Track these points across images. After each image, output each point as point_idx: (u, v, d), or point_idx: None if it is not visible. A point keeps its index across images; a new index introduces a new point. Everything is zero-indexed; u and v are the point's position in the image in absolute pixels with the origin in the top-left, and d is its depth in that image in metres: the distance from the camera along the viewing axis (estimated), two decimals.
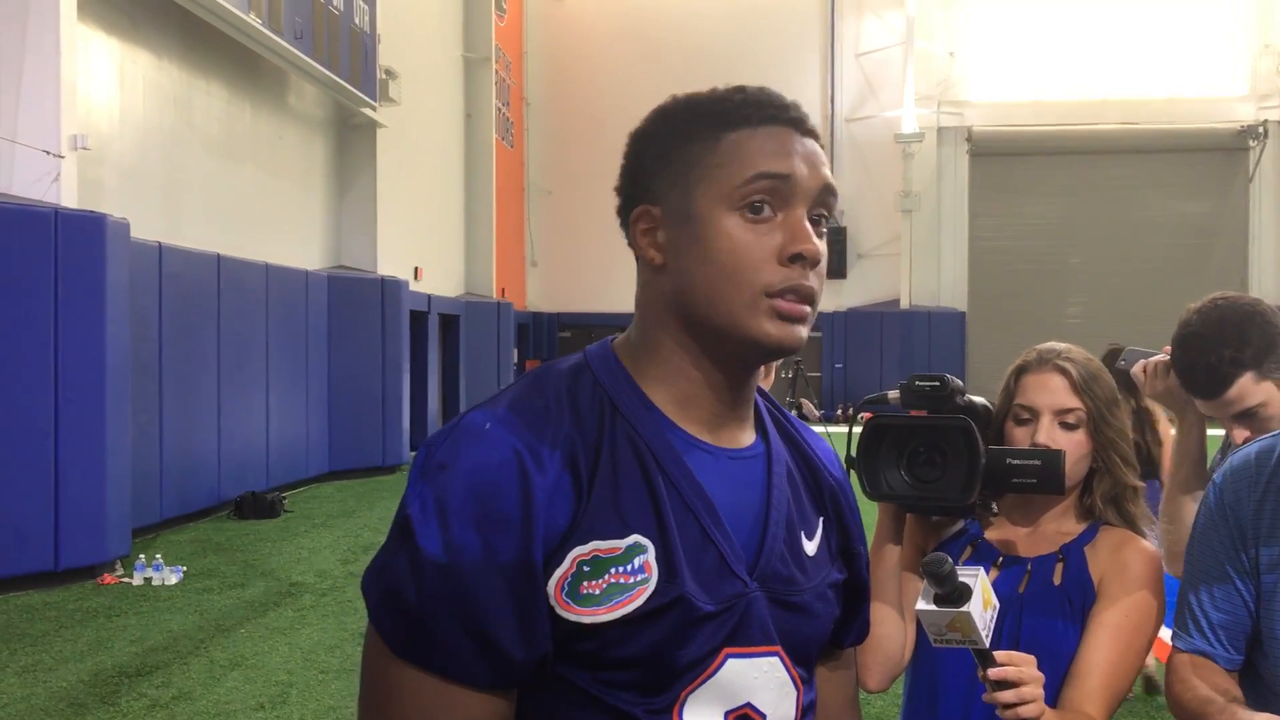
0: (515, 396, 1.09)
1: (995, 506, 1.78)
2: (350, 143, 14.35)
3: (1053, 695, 1.62)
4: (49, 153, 7.70)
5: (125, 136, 9.49)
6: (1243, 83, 22.32)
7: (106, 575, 7.41)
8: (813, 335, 22.04)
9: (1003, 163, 22.85)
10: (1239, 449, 1.76)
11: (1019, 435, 1.80)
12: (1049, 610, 1.73)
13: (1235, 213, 22.45)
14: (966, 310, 22.67)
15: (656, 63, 21.49)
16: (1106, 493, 1.80)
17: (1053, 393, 1.78)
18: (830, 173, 1.12)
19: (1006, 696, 1.43)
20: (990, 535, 1.84)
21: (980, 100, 22.80)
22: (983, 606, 1.40)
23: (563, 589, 1.03)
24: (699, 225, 1.08)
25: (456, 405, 16.65)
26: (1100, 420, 1.78)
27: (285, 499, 10.76)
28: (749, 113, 1.10)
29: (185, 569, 7.64)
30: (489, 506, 1.01)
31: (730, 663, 1.09)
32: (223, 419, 10.07)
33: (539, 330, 22.96)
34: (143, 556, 7.57)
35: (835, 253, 22.49)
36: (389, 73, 14.36)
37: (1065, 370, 1.79)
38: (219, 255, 10.08)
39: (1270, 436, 1.71)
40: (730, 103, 1.11)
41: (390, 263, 14.39)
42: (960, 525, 1.87)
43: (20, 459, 7.04)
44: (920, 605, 1.42)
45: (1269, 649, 1.64)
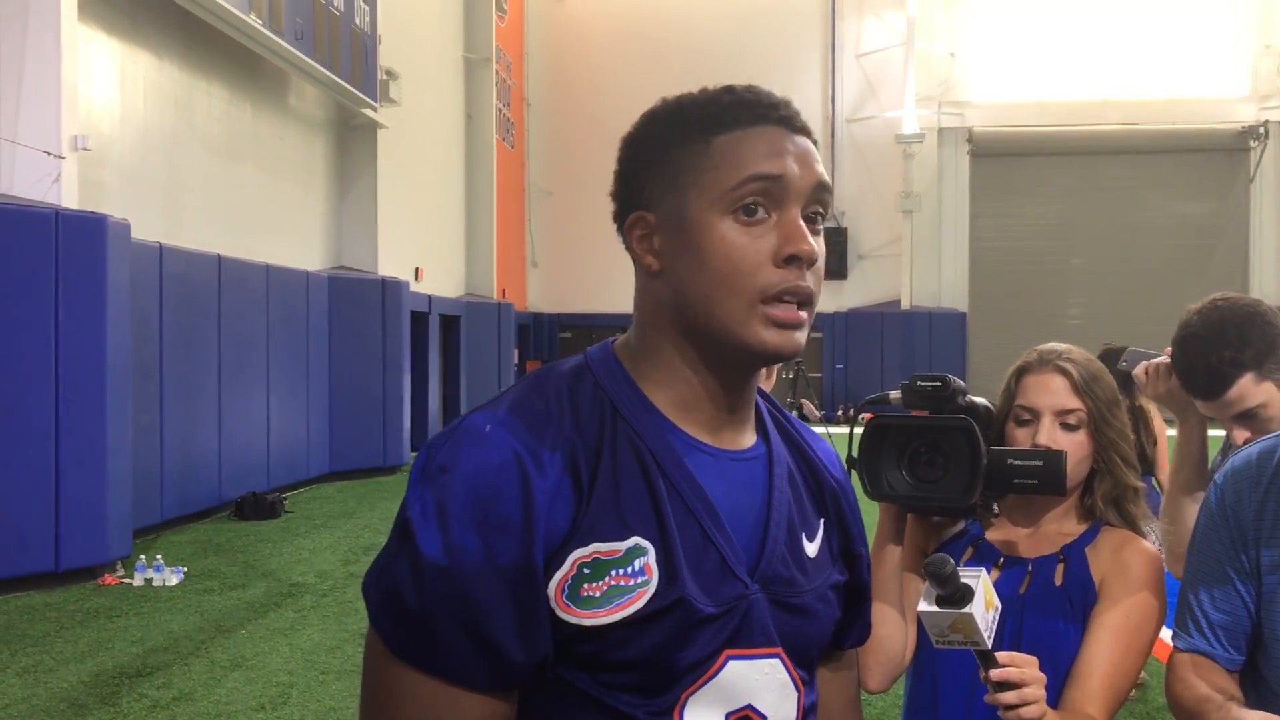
0: (516, 399, 1.09)
1: (996, 507, 1.78)
2: (351, 143, 14.36)
3: (1054, 696, 1.61)
4: (50, 153, 7.70)
5: (126, 137, 9.50)
6: (1243, 83, 22.33)
7: (107, 576, 7.41)
8: (813, 336, 22.14)
9: (1003, 163, 22.85)
10: (1240, 450, 1.76)
11: (1020, 436, 1.79)
12: (1050, 611, 1.73)
13: (1236, 213, 22.45)
14: (967, 311, 22.67)
15: (657, 63, 21.49)
16: (1107, 493, 1.80)
17: (1054, 393, 1.78)
18: (824, 169, 1.11)
19: (1009, 698, 1.42)
20: (991, 536, 1.84)
21: (981, 101, 22.81)
22: (985, 608, 1.40)
23: (563, 591, 1.03)
24: (693, 230, 1.07)
25: (457, 406, 16.66)
26: (1101, 421, 1.78)
27: (286, 500, 10.76)
28: (738, 114, 1.09)
29: (186, 570, 7.64)
30: (489, 509, 1.01)
31: (731, 664, 1.09)
32: (223, 420, 10.08)
33: (539, 331, 22.97)
34: (143, 557, 7.57)
35: (836, 253, 22.51)
36: (390, 73, 14.36)
37: (1066, 371, 1.79)
38: (220, 256, 10.09)
39: (1271, 437, 1.71)
40: (719, 104, 1.10)
41: (391, 263, 14.40)
42: (961, 526, 1.87)
43: (21, 460, 7.04)
44: (922, 607, 1.41)
45: (1271, 650, 1.64)
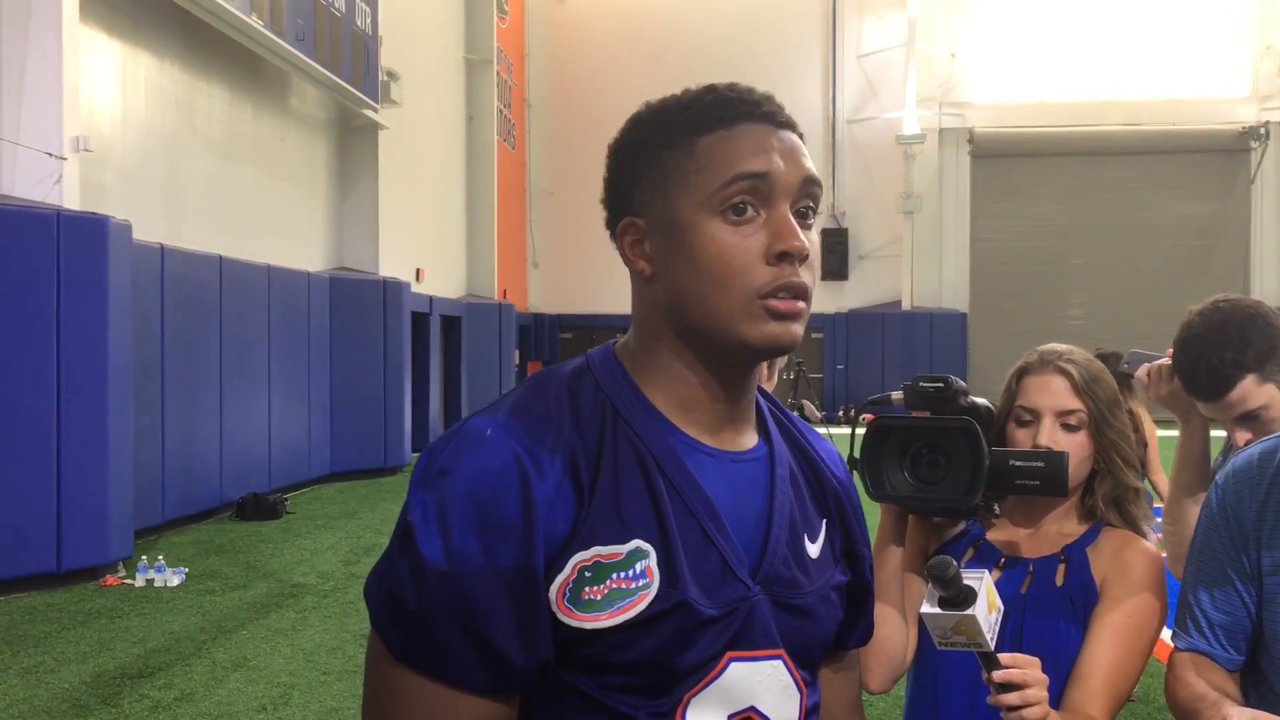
0: (516, 402, 1.09)
1: (997, 508, 1.78)
2: (352, 144, 14.36)
3: (1055, 696, 1.61)
4: (51, 155, 7.71)
5: (127, 138, 9.50)
6: (1244, 84, 22.32)
7: (108, 577, 7.41)
8: (814, 336, 22.15)
9: (1004, 164, 22.85)
10: (1241, 451, 1.76)
11: (1020, 437, 1.80)
12: (1051, 611, 1.73)
13: (1237, 214, 22.45)
14: (968, 311, 22.66)
15: (658, 64, 21.48)
16: (1108, 494, 1.80)
17: (1054, 394, 1.78)
18: (811, 163, 1.10)
19: (1011, 699, 1.42)
20: (992, 536, 1.84)
21: (981, 101, 22.80)
22: (987, 609, 1.40)
23: (564, 595, 1.03)
24: (683, 233, 1.07)
25: (458, 406, 16.66)
26: (1102, 422, 1.78)
27: (287, 500, 10.76)
28: (720, 113, 1.09)
29: (187, 570, 7.64)
30: (490, 512, 1.01)
31: (733, 666, 1.09)
32: (225, 420, 10.08)
33: (540, 331, 22.97)
34: (145, 558, 7.57)
35: (837, 254, 22.52)
36: (390, 74, 14.37)
37: (1067, 372, 1.79)
38: (221, 257, 10.09)
39: (1272, 438, 1.71)
40: (701, 105, 1.10)
41: (392, 264, 14.40)
42: (962, 526, 1.87)
43: (22, 460, 7.04)
44: (925, 608, 1.41)
45: (1273, 649, 1.64)
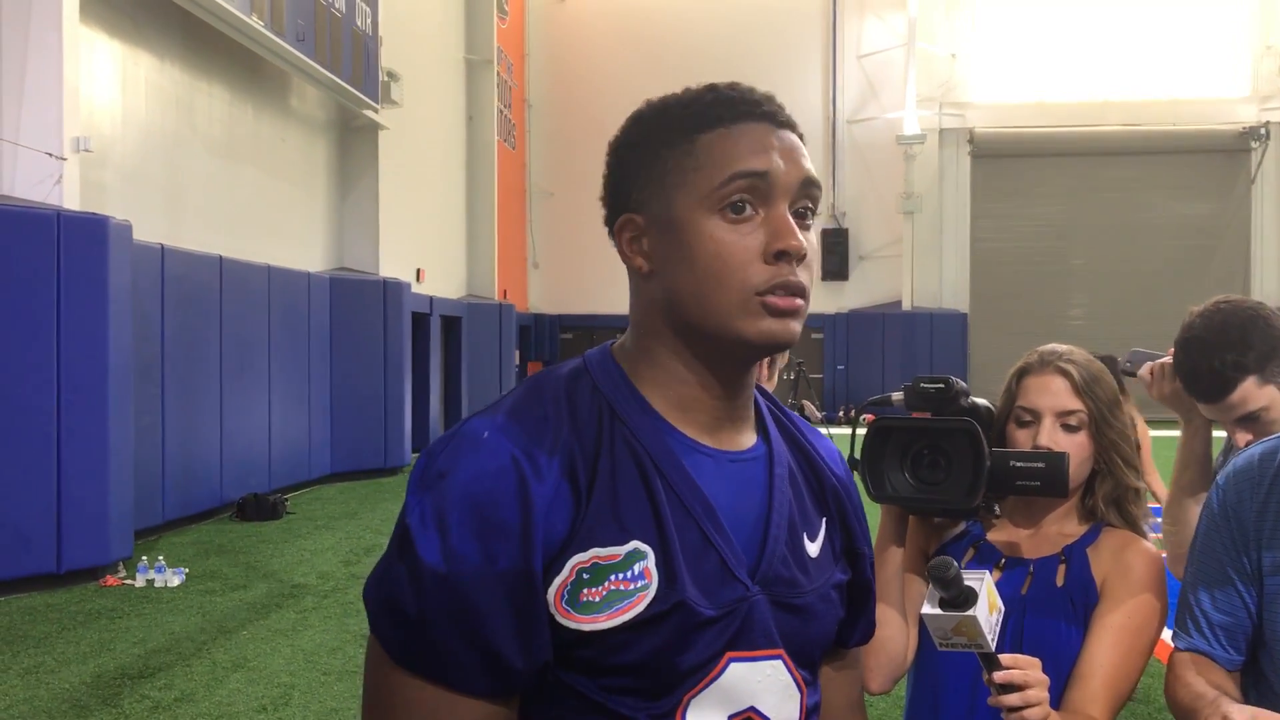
0: (514, 404, 1.09)
1: (998, 508, 1.78)
2: (352, 145, 14.36)
3: (1055, 697, 1.61)
4: (51, 155, 7.71)
5: (127, 138, 9.50)
6: (1244, 84, 22.32)
7: (109, 577, 7.41)
8: (814, 337, 22.16)
9: (1004, 164, 22.85)
10: (1242, 451, 1.76)
11: (1020, 437, 1.80)
12: (1052, 612, 1.73)
13: (1237, 214, 22.45)
14: (968, 312, 22.67)
15: (658, 65, 21.48)
16: (1108, 494, 1.80)
17: (1054, 395, 1.78)
18: (811, 165, 1.11)
19: (1012, 700, 1.42)
20: (992, 537, 1.84)
21: (982, 102, 22.80)
22: (988, 610, 1.40)
23: (562, 597, 1.03)
24: (681, 231, 1.08)
25: (458, 407, 16.66)
26: (1102, 422, 1.78)
27: (287, 501, 10.76)
28: (721, 111, 1.09)
29: (187, 571, 7.64)
30: (488, 515, 1.01)
31: (733, 667, 1.09)
32: (225, 421, 10.08)
33: (541, 332, 22.97)
34: (145, 558, 7.57)
35: (837, 254, 22.52)
36: (391, 75, 14.37)
37: (1067, 372, 1.79)
38: (221, 257, 10.09)
39: (1273, 439, 1.70)
40: (701, 103, 1.11)
41: (392, 265, 14.40)
42: (962, 527, 1.87)
43: (22, 461, 7.04)
44: (925, 609, 1.41)
45: (1273, 650, 1.64)
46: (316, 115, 13.63)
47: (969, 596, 1.39)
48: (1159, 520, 2.30)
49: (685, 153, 1.08)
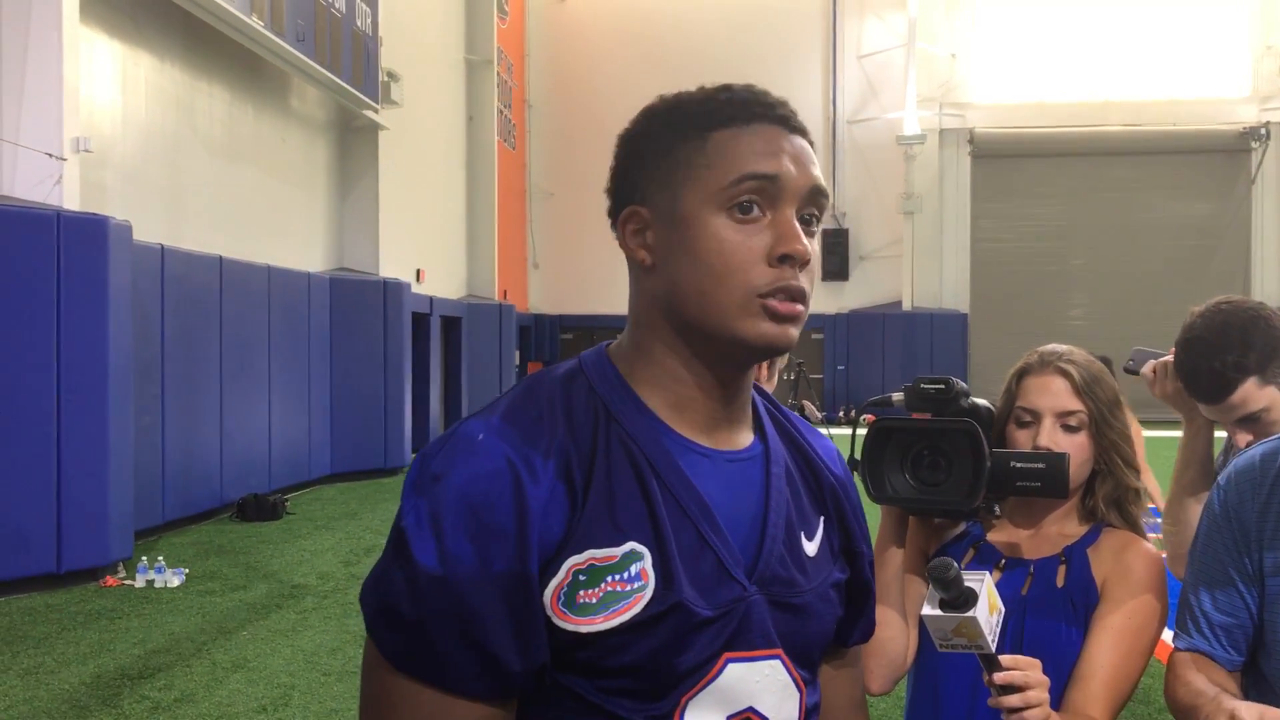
0: (509, 405, 1.09)
1: (998, 509, 1.78)
2: (352, 145, 14.36)
3: (1056, 698, 1.61)
4: (51, 155, 7.71)
5: (127, 139, 9.50)
6: (1245, 84, 22.32)
7: (109, 577, 7.41)
8: (815, 337, 22.15)
9: (1005, 164, 22.86)
10: (1243, 452, 1.76)
11: (1021, 438, 1.79)
12: (1052, 612, 1.73)
13: (1237, 214, 22.45)
14: (969, 312, 22.67)
15: (658, 65, 21.48)
16: (1109, 495, 1.79)
17: (1054, 395, 1.78)
18: (820, 172, 1.11)
19: (1012, 701, 1.42)
20: (992, 537, 1.84)
21: (982, 102, 22.80)
22: (989, 611, 1.40)
23: (559, 599, 1.02)
24: (687, 226, 1.07)
25: (458, 407, 16.66)
26: (1102, 422, 1.78)
27: (287, 501, 10.76)
28: (735, 111, 1.09)
29: (187, 571, 7.64)
30: (483, 517, 1.01)
31: (731, 667, 1.08)
32: (225, 421, 10.08)
33: (541, 332, 22.96)
34: (145, 559, 7.57)
35: (837, 255, 22.53)
36: (391, 75, 14.37)
37: (1067, 373, 1.79)
38: (221, 257, 10.09)
39: (1274, 440, 1.70)
40: (716, 101, 1.11)
41: (392, 265, 14.40)
42: (962, 527, 1.87)
43: (22, 461, 7.04)
44: (926, 610, 1.41)
45: (1273, 652, 1.63)
46: (317, 115, 13.63)
47: (969, 598, 1.38)
48: (1157, 521, 2.31)
49: (697, 149, 1.08)
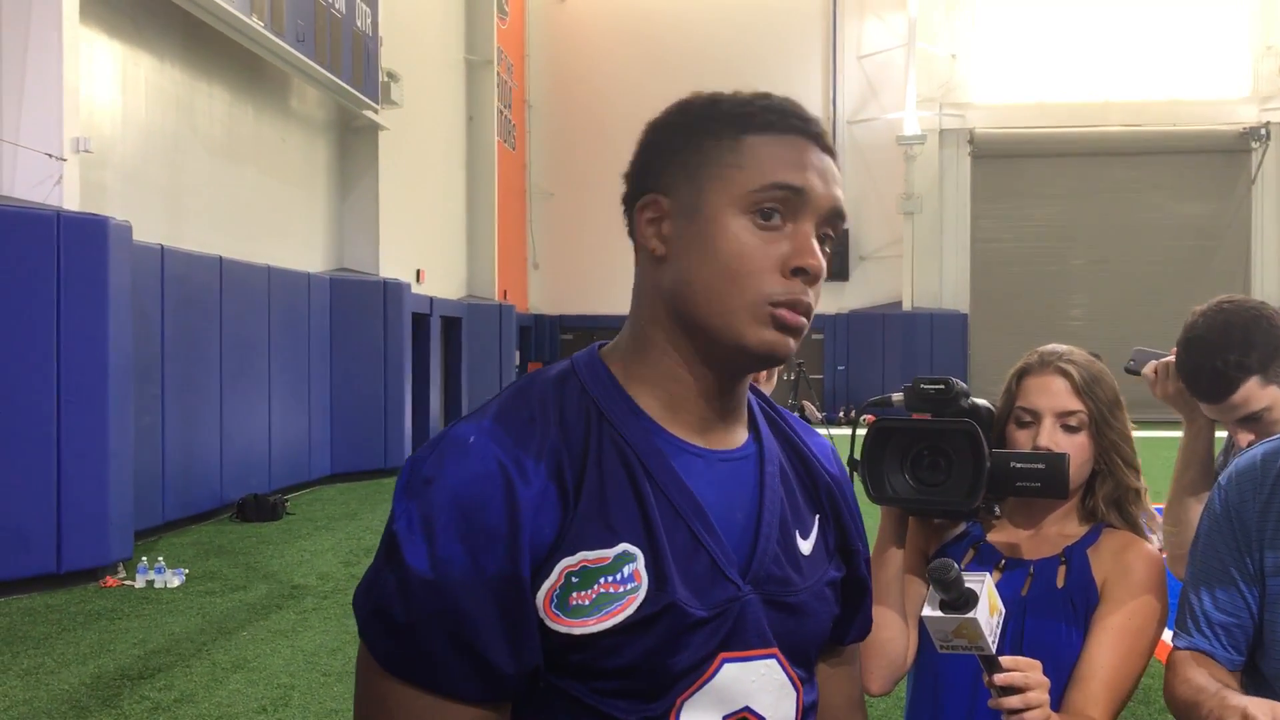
0: (500, 408, 1.08)
1: (998, 509, 1.78)
2: (352, 145, 14.36)
3: (1056, 698, 1.61)
4: (51, 155, 7.71)
5: (127, 139, 9.50)
6: (1245, 85, 22.33)
7: (108, 578, 7.40)
8: (815, 337, 22.16)
9: (1005, 165, 22.86)
10: (1244, 451, 1.76)
11: (1021, 438, 1.79)
12: (1052, 613, 1.72)
13: (1237, 214, 22.45)
14: (969, 312, 22.67)
15: (658, 65, 21.49)
16: (1109, 495, 1.79)
17: (1054, 395, 1.78)
18: (842, 195, 1.12)
19: (1013, 702, 1.42)
20: (992, 538, 1.83)
21: (982, 102, 22.81)
22: (989, 612, 1.39)
23: (552, 601, 1.02)
24: (707, 223, 1.08)
25: (458, 408, 16.66)
26: (1102, 423, 1.77)
27: (287, 501, 10.75)
28: (772, 119, 1.10)
29: (187, 571, 7.63)
30: (474, 520, 1.01)
31: (726, 667, 1.08)
32: (225, 421, 10.08)
33: (541, 332, 22.96)
34: (145, 559, 7.56)
35: (837, 255, 22.45)
36: (391, 75, 14.37)
37: (1067, 373, 1.78)
38: (221, 258, 10.09)
39: (1276, 440, 1.70)
40: (755, 106, 1.11)
41: (392, 265, 14.40)
42: (962, 528, 1.87)
43: (22, 462, 7.04)
44: (926, 611, 1.41)
45: (1272, 653, 1.63)
46: (317, 116, 13.63)
47: (970, 599, 1.38)
48: (1157, 521, 2.30)
49: (729, 149, 1.08)
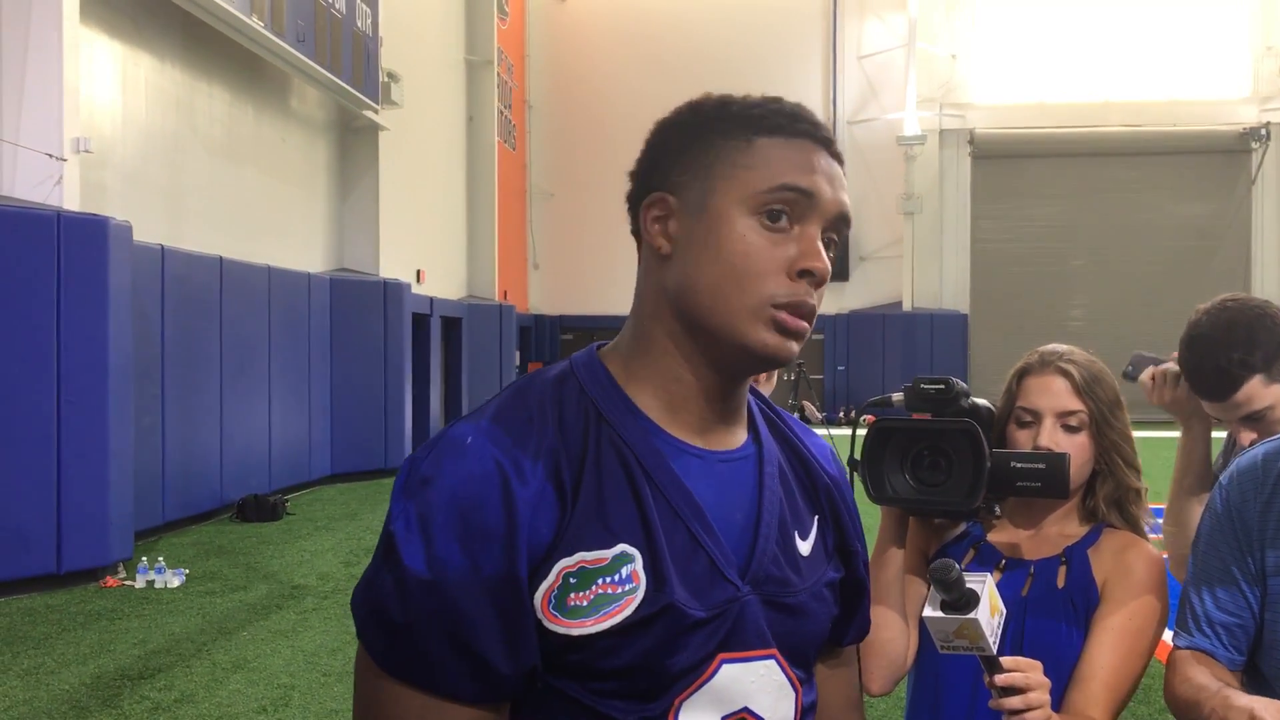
0: (499, 408, 1.08)
1: (998, 509, 1.77)
2: (352, 145, 14.36)
3: (1056, 698, 1.60)
4: (51, 156, 7.71)
5: (128, 139, 9.50)
6: (1245, 85, 22.33)
7: (109, 578, 7.40)
8: (815, 338, 22.14)
9: (1005, 165, 22.87)
10: (1246, 451, 1.75)
11: (1021, 438, 1.79)
12: (1052, 613, 1.72)
13: (1238, 215, 22.46)
14: (969, 312, 22.67)
15: (659, 65, 21.50)
16: (1109, 495, 1.79)
17: (1055, 395, 1.77)
18: (849, 200, 1.13)
19: (1013, 703, 1.42)
20: (993, 538, 1.83)
21: (982, 102, 22.81)
22: (990, 613, 1.39)
23: (549, 602, 1.02)
24: (714, 221, 1.08)
25: (459, 408, 16.66)
26: (1103, 423, 1.77)
27: (287, 501, 10.75)
28: (783, 122, 1.10)
29: (187, 572, 7.63)
30: (472, 520, 1.01)
31: (725, 668, 1.08)
32: (225, 421, 10.08)
33: (541, 333, 22.96)
34: (145, 559, 7.56)
35: (837, 255, 22.51)
36: (391, 75, 14.37)
37: (1067, 373, 1.78)
38: (221, 258, 10.09)
39: (1277, 439, 1.70)
40: (766, 109, 1.12)
41: (392, 265, 14.40)
42: (962, 528, 1.86)
43: (22, 462, 7.03)
44: (927, 612, 1.41)
45: (1272, 653, 1.63)
46: (317, 116, 13.63)
47: (970, 599, 1.38)
48: (1157, 521, 2.30)
49: (740, 149, 1.09)
